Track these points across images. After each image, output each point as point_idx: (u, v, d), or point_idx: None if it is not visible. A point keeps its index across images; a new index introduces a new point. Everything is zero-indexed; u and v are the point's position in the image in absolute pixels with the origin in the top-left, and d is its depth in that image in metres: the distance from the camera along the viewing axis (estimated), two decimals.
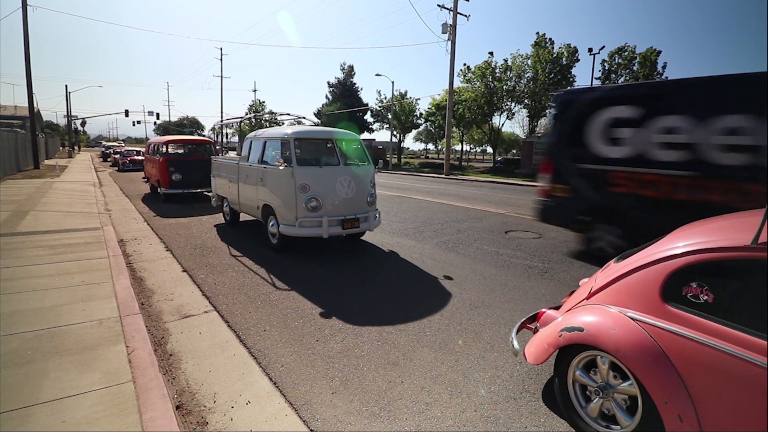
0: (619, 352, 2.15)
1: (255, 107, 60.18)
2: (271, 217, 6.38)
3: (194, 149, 12.60)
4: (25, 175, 17.36)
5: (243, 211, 7.66)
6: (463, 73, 29.75)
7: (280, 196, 6.00)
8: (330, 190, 5.87)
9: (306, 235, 5.79)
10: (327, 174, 5.96)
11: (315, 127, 6.83)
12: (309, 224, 5.74)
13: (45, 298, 4.15)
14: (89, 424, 2.35)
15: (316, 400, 2.75)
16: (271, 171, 6.24)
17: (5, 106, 42.97)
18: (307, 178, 5.78)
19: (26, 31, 19.35)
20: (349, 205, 6.04)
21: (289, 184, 5.80)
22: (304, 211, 5.73)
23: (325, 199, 5.82)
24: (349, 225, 5.99)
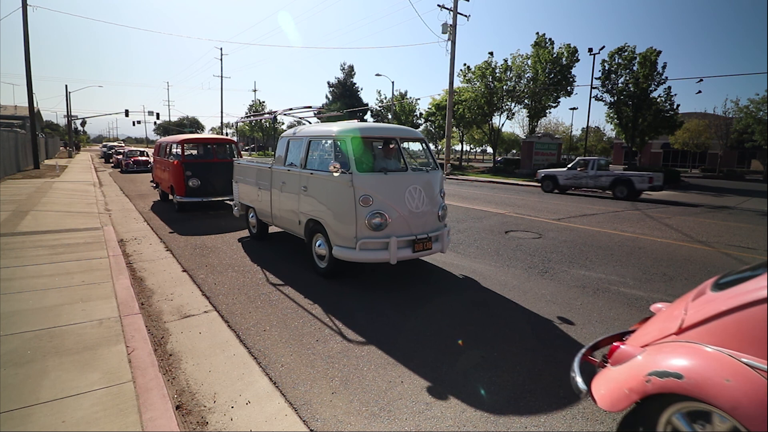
0: (737, 410, 1.66)
1: (255, 107, 60.16)
2: (318, 236, 5.23)
3: (214, 150, 10.57)
4: (25, 175, 17.36)
5: (276, 224, 6.42)
6: (463, 73, 29.74)
7: (334, 210, 4.81)
8: (398, 203, 4.68)
9: (367, 261, 4.63)
10: (394, 182, 4.77)
11: (375, 124, 5.67)
12: (372, 246, 4.59)
13: (45, 298, 4.15)
14: (89, 424, 2.35)
15: (316, 400, 2.75)
16: (320, 178, 5.04)
17: (5, 106, 42.94)
18: (370, 188, 4.58)
19: (26, 31, 19.35)
20: (420, 221, 4.83)
21: (347, 196, 4.60)
22: (366, 229, 4.54)
23: (392, 215, 4.62)
24: (421, 246, 4.79)
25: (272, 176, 6.25)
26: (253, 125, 61.23)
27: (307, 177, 5.30)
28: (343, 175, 4.61)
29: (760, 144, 30.35)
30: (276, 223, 6.38)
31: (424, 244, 4.85)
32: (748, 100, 31.96)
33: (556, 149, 28.29)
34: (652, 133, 26.65)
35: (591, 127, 51.37)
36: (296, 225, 5.66)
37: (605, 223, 9.80)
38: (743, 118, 31.08)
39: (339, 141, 4.97)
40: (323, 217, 5.00)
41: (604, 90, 26.64)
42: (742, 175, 33.66)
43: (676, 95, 41.98)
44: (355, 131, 4.94)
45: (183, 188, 9.63)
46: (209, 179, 9.85)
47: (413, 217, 4.77)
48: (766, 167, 31.37)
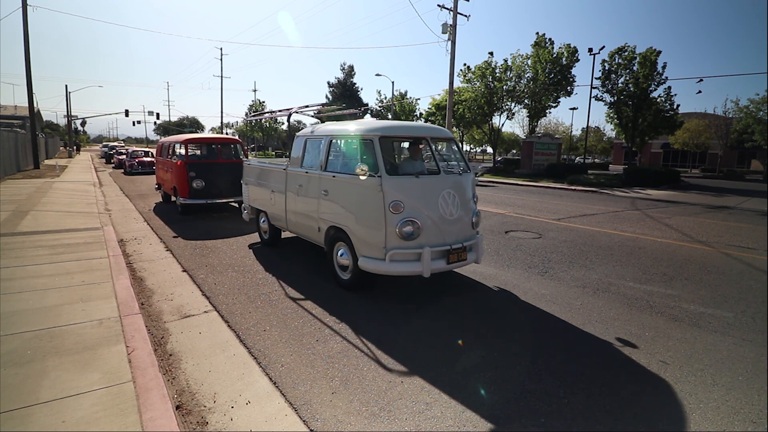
0: None
1: (255, 107, 60.16)
2: (340, 244, 4.79)
3: (219, 150, 10.21)
4: (25, 175, 17.36)
5: (291, 230, 5.97)
6: (463, 73, 29.72)
7: (360, 217, 4.40)
8: (431, 209, 4.27)
9: (398, 274, 4.20)
10: (426, 187, 4.37)
11: (403, 122, 5.21)
12: (403, 258, 4.18)
13: (45, 298, 4.15)
14: (89, 424, 2.35)
15: (316, 400, 2.75)
16: (344, 182, 4.61)
17: (5, 106, 42.95)
18: (401, 193, 4.18)
19: (26, 31, 19.35)
20: (454, 229, 4.41)
21: (375, 201, 4.19)
22: (396, 238, 4.13)
23: (425, 222, 4.21)
24: (455, 257, 4.38)
25: (287, 178, 5.80)
26: (253, 125, 61.20)
27: (329, 180, 4.86)
28: (370, 179, 4.20)
29: (760, 144, 30.34)
30: (291, 229, 5.96)
31: (459, 255, 4.42)
32: (748, 100, 31.96)
33: (556, 149, 28.28)
34: (652, 133, 26.65)
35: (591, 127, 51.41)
36: (315, 232, 5.24)
37: (605, 223, 9.80)
38: (743, 118, 31.06)
39: (365, 141, 4.51)
40: (347, 224, 4.55)
41: (604, 90, 26.63)
42: (742, 175, 33.65)
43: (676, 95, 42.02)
44: (383, 130, 4.58)
45: (186, 190, 9.31)
46: (214, 180, 9.50)
47: (447, 224, 4.35)
48: (766, 167, 31.36)
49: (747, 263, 6.41)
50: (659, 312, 4.37)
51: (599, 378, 3.07)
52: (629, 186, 20.19)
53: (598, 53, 27.27)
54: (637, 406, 2.74)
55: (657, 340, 3.71)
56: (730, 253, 7.08)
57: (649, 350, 3.53)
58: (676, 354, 3.47)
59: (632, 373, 3.17)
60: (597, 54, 27.33)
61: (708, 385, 3.04)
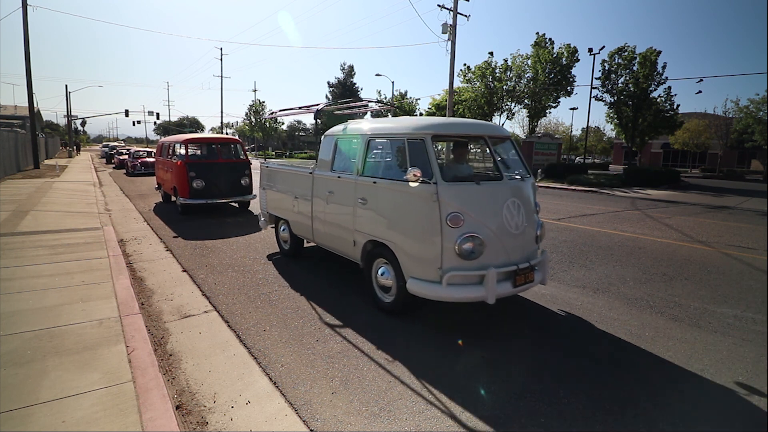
0: None
1: (255, 107, 60.15)
2: (380, 261, 4.19)
3: (219, 150, 10.14)
4: (25, 175, 17.36)
5: (318, 242, 5.29)
6: (463, 73, 29.71)
7: (409, 231, 3.76)
8: (495, 223, 3.63)
9: (457, 300, 3.56)
10: (489, 195, 3.75)
11: (457, 119, 4.61)
12: (463, 281, 3.54)
13: (45, 298, 4.15)
14: (89, 424, 2.35)
15: (316, 400, 2.75)
16: (388, 189, 3.98)
17: (5, 106, 42.96)
18: (461, 203, 3.54)
19: (26, 31, 19.36)
20: (519, 246, 3.78)
21: (429, 213, 3.55)
22: (455, 257, 3.48)
23: (489, 238, 3.55)
24: (522, 279, 3.73)
25: (314, 184, 5.13)
26: (253, 125, 61.20)
27: (367, 187, 4.21)
28: (424, 186, 3.58)
29: (760, 144, 30.35)
30: (318, 240, 5.26)
31: (526, 276, 3.78)
32: (748, 100, 31.97)
33: (556, 149, 28.27)
34: (652, 133, 26.65)
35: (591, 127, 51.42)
36: (348, 246, 4.57)
37: (605, 223, 9.80)
38: (743, 118, 31.06)
39: (414, 140, 3.88)
40: (392, 239, 3.91)
41: (604, 90, 26.64)
42: (742, 175, 33.65)
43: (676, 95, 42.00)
44: (436, 128, 3.96)
45: (187, 190, 9.25)
46: (214, 180, 9.45)
47: (512, 240, 3.72)
48: (766, 167, 31.36)
49: (747, 263, 6.41)
50: (659, 312, 4.37)
51: (599, 378, 3.07)
52: (629, 186, 20.19)
53: (598, 53, 27.28)
54: (637, 406, 2.74)
55: (657, 340, 3.71)
56: (730, 253, 7.08)
57: (649, 350, 3.53)
58: (676, 354, 3.47)
59: (632, 373, 3.17)
60: (597, 54, 27.34)
61: (708, 385, 3.04)
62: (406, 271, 3.80)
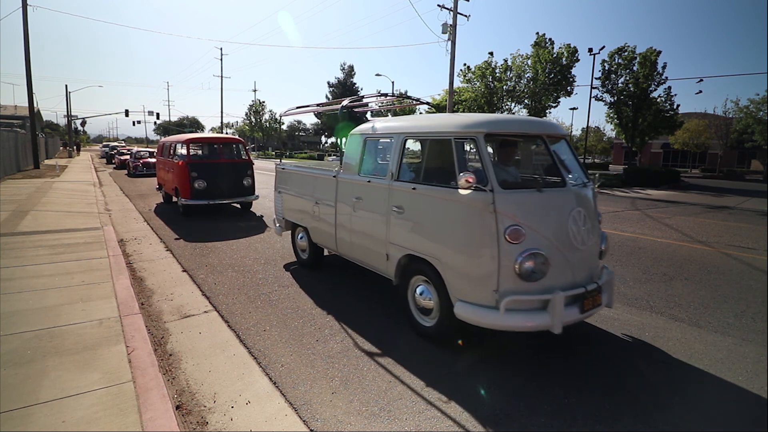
0: None
1: (255, 107, 60.18)
2: (418, 279, 3.68)
3: (221, 150, 10.03)
4: (25, 175, 17.36)
5: (342, 253, 4.76)
6: (463, 73, 29.71)
7: (458, 245, 3.21)
8: (560, 237, 3.12)
9: (516, 329, 3.08)
10: (552, 205, 3.21)
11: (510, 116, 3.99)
12: (524, 306, 3.02)
13: (45, 298, 4.15)
14: (89, 424, 2.35)
15: (316, 400, 2.75)
16: (431, 196, 3.45)
17: (5, 106, 42.97)
18: (521, 214, 3.03)
19: (26, 31, 19.36)
20: (584, 263, 3.28)
21: (483, 225, 3.03)
22: (515, 279, 2.97)
23: (554, 255, 3.04)
24: (590, 303, 3.22)
25: (338, 188, 4.64)
26: (253, 125, 61.23)
27: (405, 193, 3.71)
28: (477, 194, 3.04)
29: (760, 144, 30.35)
30: (342, 251, 4.73)
31: (594, 299, 3.26)
32: (748, 100, 31.98)
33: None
34: (652, 133, 26.65)
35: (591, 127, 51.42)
36: (379, 259, 4.09)
37: (605, 223, 9.80)
38: (743, 118, 31.07)
39: (462, 140, 3.36)
40: (436, 255, 3.37)
41: (604, 90, 26.65)
42: (742, 175, 33.66)
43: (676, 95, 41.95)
44: (490, 125, 3.34)
45: (188, 190, 9.13)
46: (216, 181, 9.31)
47: (577, 256, 3.20)
48: (766, 167, 31.37)
49: (747, 263, 6.41)
50: (659, 312, 4.37)
51: (599, 378, 3.07)
52: (629, 186, 20.21)
53: (598, 53, 27.25)
54: (637, 406, 2.74)
55: (657, 340, 3.71)
56: (730, 253, 7.08)
57: (649, 350, 3.53)
58: (676, 354, 3.47)
59: (632, 373, 3.17)
60: (597, 54, 27.32)
61: (708, 385, 3.04)
62: (454, 292, 3.26)
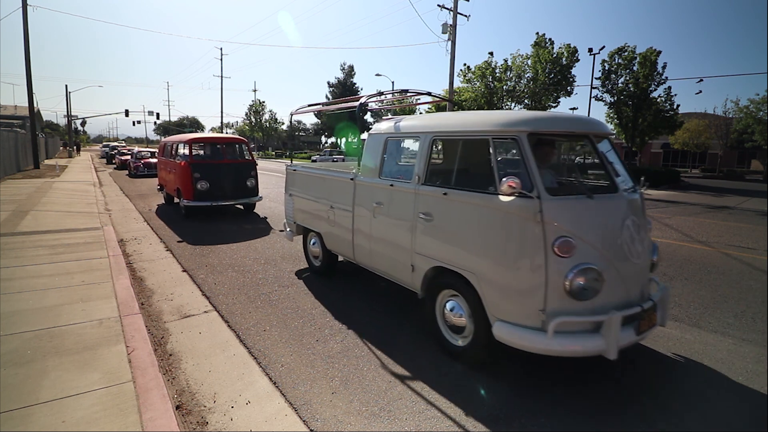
0: None
1: (255, 107, 60.17)
2: (447, 293, 3.34)
3: (224, 150, 9.83)
4: (25, 175, 17.36)
5: (360, 262, 4.41)
6: (463, 73, 29.71)
7: (499, 259, 2.85)
8: (614, 250, 2.79)
9: (566, 354, 2.70)
10: (606, 213, 2.87)
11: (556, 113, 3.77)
12: (574, 328, 2.67)
13: (45, 298, 4.15)
14: (89, 424, 2.35)
15: (316, 400, 2.75)
16: (467, 203, 3.07)
17: (5, 106, 42.95)
18: (571, 224, 2.69)
19: (26, 31, 19.36)
20: (637, 278, 2.93)
21: (530, 237, 2.70)
22: (564, 297, 2.63)
23: (608, 270, 2.70)
24: (647, 323, 2.89)
25: (356, 192, 4.31)
26: (253, 125, 61.21)
27: (435, 199, 3.33)
28: (522, 201, 2.69)
29: (760, 144, 30.34)
30: (360, 259, 4.39)
31: (650, 318, 2.92)
32: (748, 100, 31.97)
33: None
34: (652, 133, 26.64)
35: None
36: (403, 270, 3.75)
37: None
38: (743, 118, 31.06)
39: (501, 139, 2.99)
40: (471, 267, 3.01)
41: (604, 90, 26.66)
42: (742, 175, 33.65)
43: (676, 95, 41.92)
44: (534, 123, 2.95)
45: (191, 191, 8.89)
46: (219, 182, 9.09)
47: (631, 271, 2.86)
48: (766, 167, 31.37)
49: (747, 263, 6.41)
50: None
51: (599, 378, 3.07)
52: None
53: (598, 53, 27.26)
54: (637, 406, 2.74)
55: (657, 340, 3.71)
56: (730, 253, 7.08)
57: (649, 350, 3.53)
58: (676, 354, 3.47)
59: (632, 373, 3.17)
60: (597, 54, 27.32)
61: (708, 385, 3.04)
62: (493, 311, 2.90)
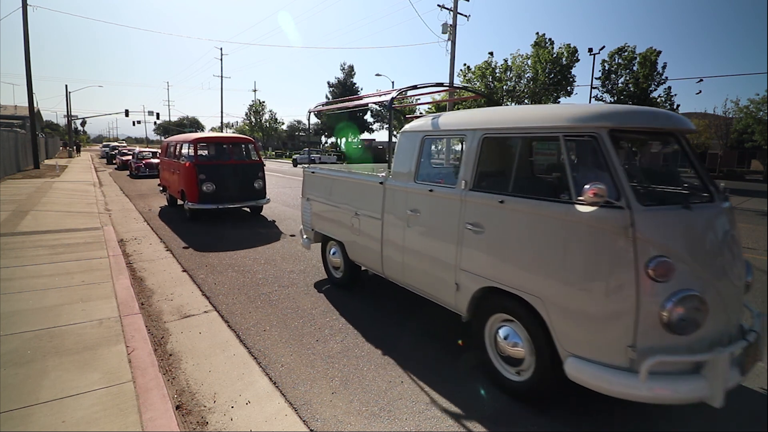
0: None
1: (255, 107, 60.18)
2: (499, 318, 2.90)
3: (230, 151, 9.37)
4: (25, 175, 17.36)
5: (392, 276, 3.91)
6: (463, 73, 29.73)
7: (575, 282, 2.36)
8: (716, 271, 2.34)
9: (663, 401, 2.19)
10: (704, 227, 2.42)
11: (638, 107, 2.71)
12: (673, 368, 2.19)
13: (45, 298, 4.15)
14: (89, 424, 2.35)
15: (316, 400, 2.75)
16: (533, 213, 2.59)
17: (5, 106, 42.94)
18: (668, 241, 2.23)
19: (26, 31, 19.35)
20: (738, 304, 2.48)
21: (617, 256, 2.22)
22: (659, 331, 2.16)
23: (711, 297, 2.23)
24: (752, 359, 2.41)
25: (386, 197, 3.83)
26: (253, 125, 61.23)
27: (487, 208, 2.86)
28: (607, 212, 2.21)
29: (760, 144, 30.36)
30: (390, 273, 3.91)
31: (755, 353, 2.43)
32: (748, 100, 31.99)
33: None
34: None
35: None
36: (444, 289, 3.28)
37: None
38: (743, 118, 31.09)
39: (578, 137, 2.55)
40: (535, 290, 2.53)
41: (604, 90, 26.70)
42: (742, 175, 33.66)
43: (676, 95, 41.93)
44: (614, 117, 2.42)
45: (196, 194, 8.47)
46: (225, 183, 8.67)
47: (731, 295, 2.39)
48: (766, 167, 31.38)
49: None
50: None
51: None
52: None
53: (598, 53, 27.28)
54: (637, 407, 2.74)
55: None
56: None
57: None
58: None
59: None
60: (597, 54, 27.34)
61: None
62: (565, 344, 2.43)
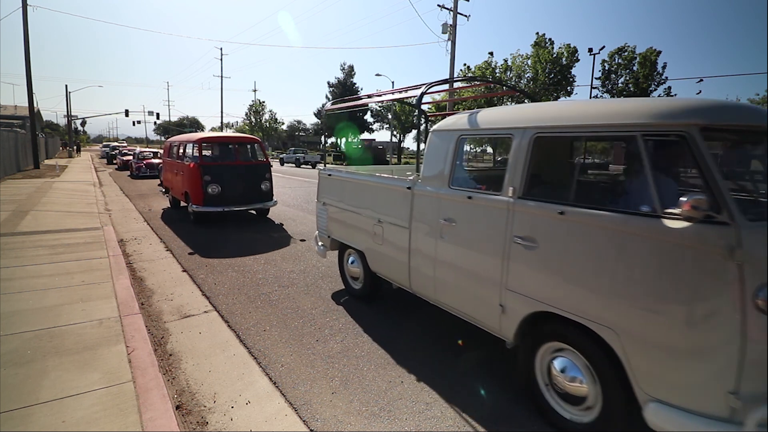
0: None
1: (255, 107, 60.18)
2: (552, 346, 2.54)
3: (236, 151, 9.03)
4: (25, 175, 17.36)
5: (421, 292, 3.52)
6: (463, 73, 29.76)
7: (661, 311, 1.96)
8: None
9: None
10: None
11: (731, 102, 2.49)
12: None
13: (45, 298, 4.15)
14: (89, 424, 2.35)
15: (316, 400, 2.75)
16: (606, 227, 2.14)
17: (5, 106, 42.95)
18: None
19: (26, 31, 19.36)
20: None
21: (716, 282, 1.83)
22: None
23: None
24: None
25: (415, 204, 3.42)
26: (253, 125, 61.22)
27: (543, 219, 2.45)
28: (707, 229, 1.86)
29: None
30: (418, 288, 3.53)
31: None
32: (748, 100, 32.02)
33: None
34: None
35: None
36: (486, 310, 2.86)
37: None
38: None
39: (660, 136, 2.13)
40: (607, 318, 2.17)
41: (604, 90, 26.74)
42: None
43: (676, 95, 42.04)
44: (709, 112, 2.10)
45: (201, 196, 8.11)
46: (231, 185, 8.31)
47: None
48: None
49: None
50: None
51: None
52: None
53: (598, 53, 27.32)
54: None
55: None
56: None
57: None
58: None
59: None
60: (597, 54, 27.38)
61: None
62: (644, 385, 2.14)
